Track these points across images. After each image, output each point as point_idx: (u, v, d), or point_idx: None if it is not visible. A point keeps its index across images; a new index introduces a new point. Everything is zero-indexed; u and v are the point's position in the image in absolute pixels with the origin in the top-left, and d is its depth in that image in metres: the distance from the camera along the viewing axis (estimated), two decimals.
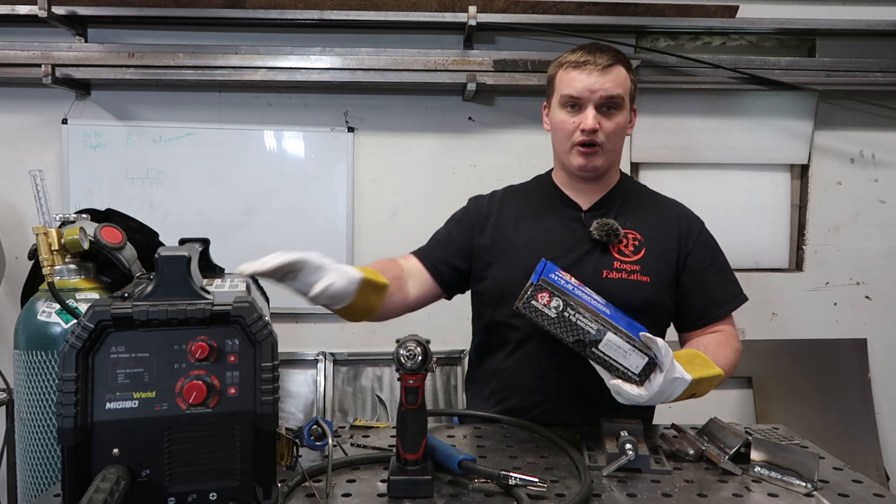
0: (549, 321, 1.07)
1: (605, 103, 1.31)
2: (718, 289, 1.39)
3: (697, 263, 1.38)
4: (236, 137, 2.77)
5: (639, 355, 1.05)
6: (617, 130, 1.33)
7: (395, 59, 2.62)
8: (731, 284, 1.41)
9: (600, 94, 1.30)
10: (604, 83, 1.29)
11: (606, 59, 1.31)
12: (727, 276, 1.41)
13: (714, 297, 1.37)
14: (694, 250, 1.38)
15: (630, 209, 1.41)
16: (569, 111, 1.34)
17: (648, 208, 1.43)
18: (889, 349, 2.94)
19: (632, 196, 1.44)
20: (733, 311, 1.40)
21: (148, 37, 2.71)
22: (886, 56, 2.74)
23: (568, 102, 1.33)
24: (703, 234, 1.42)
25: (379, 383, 2.82)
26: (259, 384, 0.87)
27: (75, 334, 0.83)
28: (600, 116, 1.31)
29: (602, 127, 1.31)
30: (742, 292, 1.41)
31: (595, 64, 1.30)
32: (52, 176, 2.68)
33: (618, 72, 1.32)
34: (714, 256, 1.41)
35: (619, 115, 1.33)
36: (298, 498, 0.98)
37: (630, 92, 1.35)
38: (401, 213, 2.83)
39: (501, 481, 0.97)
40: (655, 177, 2.93)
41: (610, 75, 1.30)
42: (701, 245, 1.39)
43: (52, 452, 1.31)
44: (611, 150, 1.35)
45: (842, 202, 2.94)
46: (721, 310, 1.38)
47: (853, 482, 1.06)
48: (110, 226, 1.42)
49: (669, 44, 2.87)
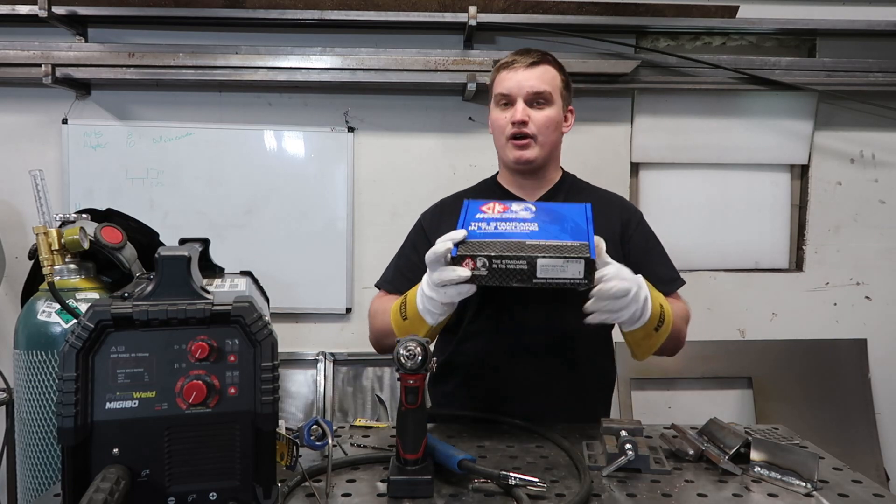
0: (487, 279, 1.07)
1: (533, 98, 1.40)
2: (662, 269, 1.45)
3: (639, 249, 1.45)
4: (236, 137, 2.77)
5: (575, 262, 1.06)
6: (547, 123, 1.41)
7: (395, 59, 2.62)
8: (671, 269, 1.47)
9: (527, 90, 1.39)
10: (529, 78, 1.39)
11: (532, 57, 1.41)
12: (666, 261, 1.48)
13: (660, 276, 1.42)
14: (634, 237, 1.45)
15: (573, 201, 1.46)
16: (502, 108, 1.43)
17: (592, 201, 1.47)
18: (889, 349, 2.94)
19: (574, 191, 1.51)
20: (675, 290, 1.45)
21: (148, 37, 2.71)
22: (886, 56, 2.75)
23: (501, 100, 1.43)
24: (641, 223, 1.49)
25: (379, 383, 2.83)
26: (259, 384, 0.87)
27: (75, 334, 0.83)
28: (530, 110, 1.40)
29: (532, 119, 1.39)
30: (680, 276, 1.47)
31: (522, 62, 1.40)
32: (52, 176, 2.68)
33: (544, 69, 1.41)
34: (654, 244, 1.49)
35: (549, 110, 1.41)
36: (298, 498, 0.98)
37: (560, 90, 1.44)
38: (401, 213, 2.83)
39: (501, 481, 0.97)
40: (655, 177, 2.92)
41: (536, 71, 1.40)
42: (640, 233, 1.47)
43: (52, 452, 1.31)
44: (544, 143, 1.42)
45: (842, 202, 2.94)
46: (667, 287, 1.41)
47: (853, 482, 1.06)
48: (110, 226, 1.42)
49: (669, 44, 2.87)
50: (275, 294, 1.68)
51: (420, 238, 1.51)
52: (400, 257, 1.54)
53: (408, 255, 1.51)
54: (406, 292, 1.27)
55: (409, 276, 1.46)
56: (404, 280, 1.46)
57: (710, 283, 2.89)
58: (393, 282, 1.49)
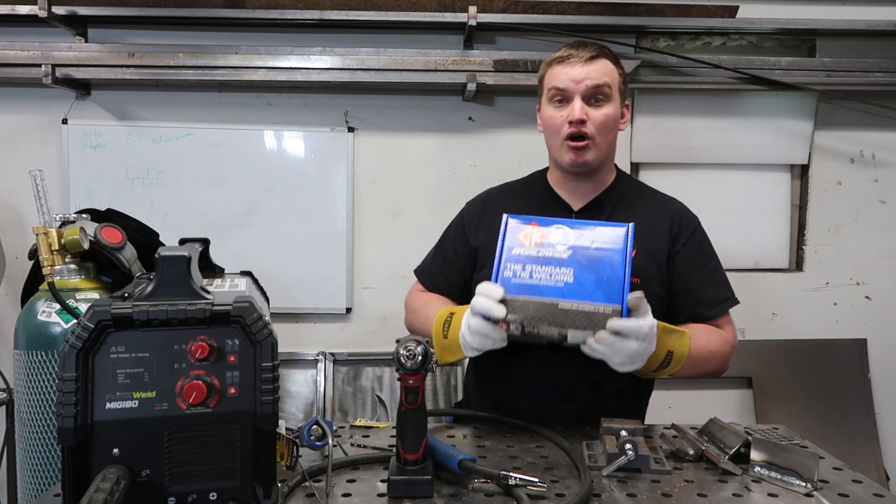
0: (520, 338, 1.13)
1: (591, 94, 1.31)
2: (708, 291, 1.36)
3: (686, 265, 1.36)
4: (236, 137, 2.77)
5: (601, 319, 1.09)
6: (606, 122, 1.33)
7: (395, 59, 2.62)
8: (722, 288, 1.38)
9: (586, 84, 1.31)
10: (588, 73, 1.31)
11: (590, 51, 1.33)
12: (718, 279, 1.39)
13: (702, 299, 1.36)
14: (682, 252, 1.37)
15: (623, 210, 1.40)
16: (557, 105, 1.34)
17: (643, 208, 1.42)
18: (889, 349, 2.94)
19: (626, 196, 1.43)
20: (723, 313, 1.37)
21: (148, 37, 2.71)
22: (886, 56, 2.74)
23: (555, 96, 1.34)
24: (695, 235, 1.39)
25: (379, 383, 2.82)
26: (259, 384, 0.87)
27: (75, 334, 0.83)
28: (588, 108, 1.31)
29: (590, 117, 1.31)
30: (733, 296, 1.39)
31: (579, 56, 1.32)
32: (52, 176, 2.68)
33: (602, 63, 1.33)
34: (706, 259, 1.39)
35: (608, 106, 1.33)
36: (298, 498, 0.98)
37: (619, 84, 1.36)
38: (401, 213, 2.83)
39: (501, 481, 0.97)
40: (655, 177, 2.93)
41: (594, 65, 1.32)
42: (691, 247, 1.38)
43: (52, 452, 1.32)
44: (601, 144, 1.35)
45: (842, 202, 2.94)
46: (710, 311, 1.35)
47: (853, 482, 1.06)
48: (110, 226, 1.42)
49: (669, 44, 2.87)
50: (275, 294, 1.68)
51: (459, 233, 1.49)
52: (439, 249, 1.53)
53: (445, 248, 1.51)
54: (453, 308, 1.28)
55: (444, 270, 1.48)
56: (440, 275, 1.48)
57: None
58: (430, 275, 1.50)
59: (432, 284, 1.49)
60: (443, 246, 1.52)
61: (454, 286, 1.47)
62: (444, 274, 1.48)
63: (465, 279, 1.46)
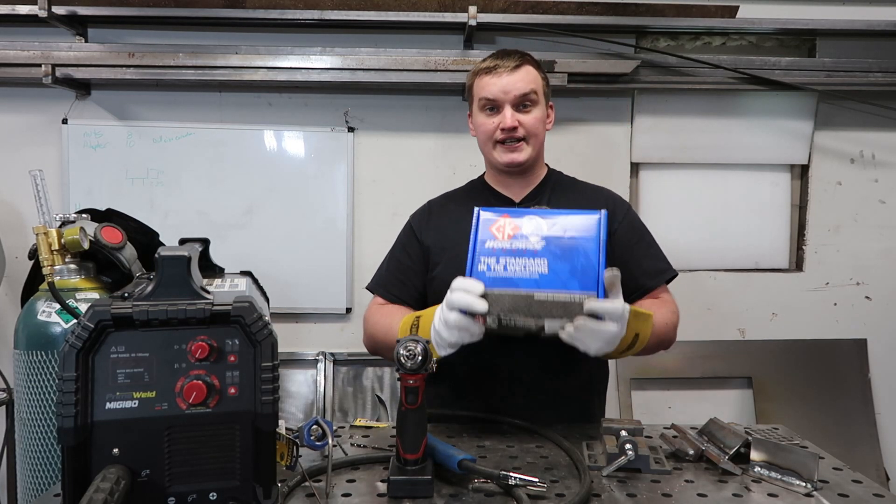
0: (496, 330, 1.13)
1: (519, 101, 1.41)
2: (648, 262, 1.44)
3: (625, 241, 1.44)
4: (236, 137, 2.77)
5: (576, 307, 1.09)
6: (535, 124, 1.42)
7: (396, 59, 2.62)
8: (660, 260, 1.46)
9: (514, 94, 1.40)
10: (515, 82, 1.39)
11: (514, 60, 1.41)
12: (655, 252, 1.47)
13: (645, 269, 1.42)
14: (619, 230, 1.44)
15: (560, 198, 1.48)
16: (488, 113, 1.44)
17: (577, 195, 1.51)
18: (889, 349, 2.94)
19: (560, 186, 1.52)
20: (665, 281, 1.44)
21: (148, 37, 2.71)
22: (886, 56, 2.74)
23: (486, 105, 1.43)
24: (629, 215, 1.48)
25: (379, 383, 2.82)
26: (259, 384, 0.87)
27: (75, 334, 0.83)
28: (517, 114, 1.41)
29: (521, 123, 1.41)
30: (671, 267, 1.46)
31: (505, 66, 1.40)
32: (52, 176, 2.68)
33: (527, 70, 1.42)
34: (640, 234, 1.48)
35: (536, 111, 1.42)
36: (298, 498, 0.98)
37: (543, 88, 1.45)
38: (401, 213, 2.79)
39: (501, 481, 0.97)
40: (655, 177, 2.92)
41: (519, 74, 1.40)
42: (627, 225, 1.46)
43: (52, 452, 1.32)
44: (533, 144, 1.44)
45: (842, 202, 2.94)
46: (652, 281, 1.42)
47: (853, 482, 1.06)
48: (110, 226, 1.42)
49: (669, 44, 2.87)
50: (275, 294, 1.69)
51: (410, 240, 1.53)
52: (391, 260, 1.55)
53: (398, 257, 1.53)
54: (418, 312, 1.27)
55: (401, 278, 1.49)
56: (397, 283, 1.49)
57: (710, 283, 2.89)
58: (387, 286, 1.50)
59: (391, 294, 1.49)
60: (395, 256, 1.54)
61: (414, 291, 1.48)
62: (401, 281, 1.49)
63: (423, 283, 1.48)
